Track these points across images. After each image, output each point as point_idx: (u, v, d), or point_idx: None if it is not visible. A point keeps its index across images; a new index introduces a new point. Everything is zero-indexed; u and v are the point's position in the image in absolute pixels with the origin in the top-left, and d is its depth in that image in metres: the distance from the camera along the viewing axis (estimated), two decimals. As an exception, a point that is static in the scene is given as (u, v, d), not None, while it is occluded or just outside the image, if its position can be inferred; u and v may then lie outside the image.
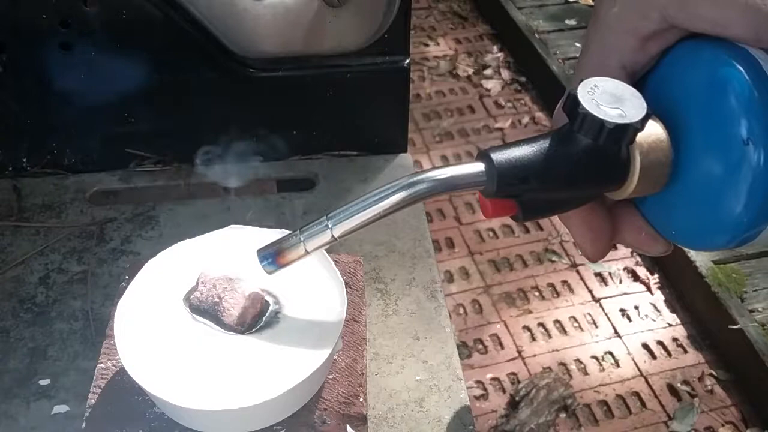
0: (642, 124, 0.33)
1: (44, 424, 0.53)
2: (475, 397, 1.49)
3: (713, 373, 1.54)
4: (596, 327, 1.63)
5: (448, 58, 2.42)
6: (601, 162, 0.35)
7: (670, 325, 1.64)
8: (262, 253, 0.42)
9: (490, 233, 1.82)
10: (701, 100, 0.34)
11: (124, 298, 0.51)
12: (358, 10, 0.69)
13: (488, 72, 2.36)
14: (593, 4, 0.39)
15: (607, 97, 0.33)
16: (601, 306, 1.67)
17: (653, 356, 1.57)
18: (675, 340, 1.61)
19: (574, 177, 0.35)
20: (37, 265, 0.65)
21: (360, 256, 0.61)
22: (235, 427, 0.48)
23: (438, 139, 2.11)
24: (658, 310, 1.66)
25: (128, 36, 0.68)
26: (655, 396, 1.50)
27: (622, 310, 1.66)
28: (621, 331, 1.62)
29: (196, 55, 0.70)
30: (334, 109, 0.76)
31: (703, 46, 0.35)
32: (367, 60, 0.72)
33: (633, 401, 1.49)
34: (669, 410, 1.48)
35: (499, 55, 2.44)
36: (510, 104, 2.25)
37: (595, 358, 1.57)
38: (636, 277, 1.73)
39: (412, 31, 0.73)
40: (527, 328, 1.62)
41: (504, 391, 1.51)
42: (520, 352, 1.57)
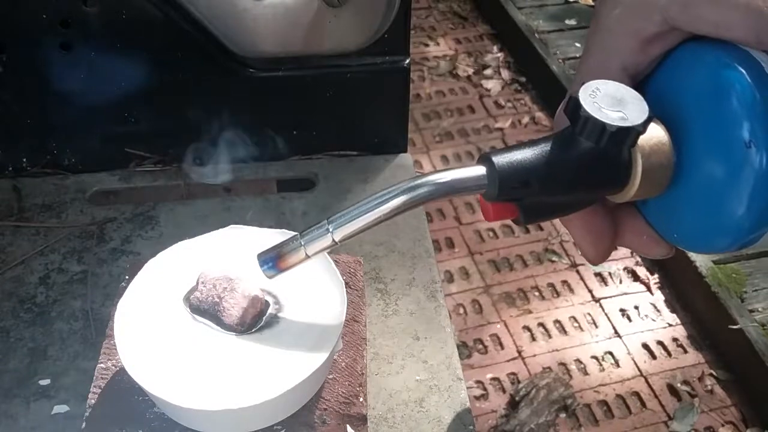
0: (644, 127, 0.33)
1: (44, 424, 0.53)
2: (475, 397, 1.49)
3: (713, 373, 1.54)
4: (596, 327, 1.63)
5: (448, 58, 2.42)
6: (602, 165, 0.34)
7: (670, 325, 1.64)
8: (263, 258, 0.42)
9: (490, 233, 1.82)
10: (703, 103, 0.34)
11: (124, 298, 0.51)
12: (358, 10, 0.69)
13: (488, 72, 2.36)
14: (593, 5, 0.39)
15: (608, 100, 0.33)
16: (601, 306, 1.67)
17: (653, 356, 1.57)
18: (675, 340, 1.61)
19: (576, 180, 0.35)
20: (37, 265, 0.65)
21: (360, 256, 0.61)
22: (235, 427, 0.48)
23: (438, 139, 2.11)
24: (658, 310, 1.66)
25: (128, 36, 0.68)
26: (655, 396, 1.50)
27: (622, 310, 1.66)
28: (621, 331, 1.62)
29: (196, 55, 0.70)
30: (334, 109, 0.76)
31: (705, 48, 0.35)
32: (367, 60, 0.72)
33: (633, 401, 1.49)
34: (669, 410, 1.48)
35: (499, 55, 2.44)
36: (510, 104, 2.25)
37: (595, 358, 1.57)
38: (636, 277, 1.73)
39: (412, 31, 0.73)
40: (527, 328, 1.62)
41: (504, 391, 1.51)
42: (520, 352, 1.57)
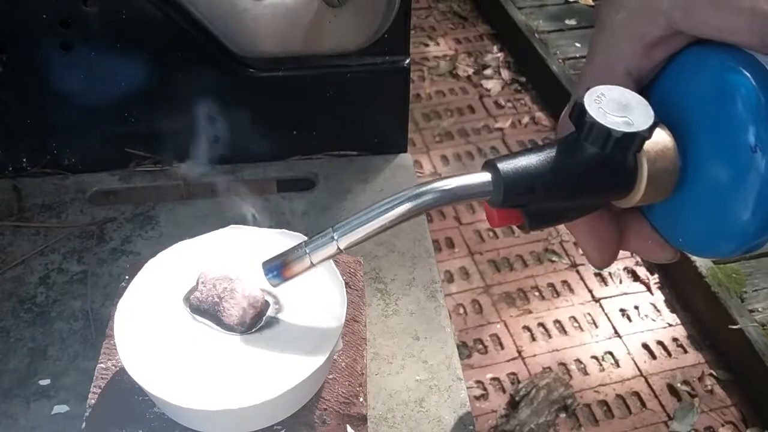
0: (649, 133, 0.33)
1: (44, 424, 0.53)
2: (475, 397, 1.49)
3: (713, 373, 1.54)
4: (596, 327, 1.63)
5: (448, 58, 2.42)
6: (608, 171, 0.34)
7: (670, 325, 1.64)
8: (268, 266, 0.42)
9: (490, 233, 1.82)
10: (708, 107, 0.34)
11: (124, 298, 0.51)
12: (358, 10, 0.69)
13: (488, 72, 2.36)
14: (593, 5, 0.38)
15: (613, 106, 0.33)
16: (601, 306, 1.67)
17: (653, 356, 1.57)
18: (675, 340, 1.61)
19: (581, 186, 0.35)
20: (37, 265, 0.65)
21: (360, 256, 0.61)
22: (235, 427, 0.48)
23: (438, 139, 2.11)
24: (658, 310, 1.66)
25: (128, 36, 0.68)
26: (655, 396, 1.50)
27: (622, 310, 1.66)
28: (621, 331, 1.62)
29: (196, 55, 0.70)
30: (334, 109, 0.76)
31: (709, 52, 0.34)
32: (367, 60, 0.72)
33: (633, 401, 1.49)
34: (669, 410, 1.48)
35: (499, 55, 2.44)
36: (510, 104, 2.25)
37: (595, 358, 1.57)
38: (636, 277, 1.73)
39: (412, 31, 0.73)
40: (527, 328, 1.62)
41: (504, 391, 1.51)
42: (520, 352, 1.57)
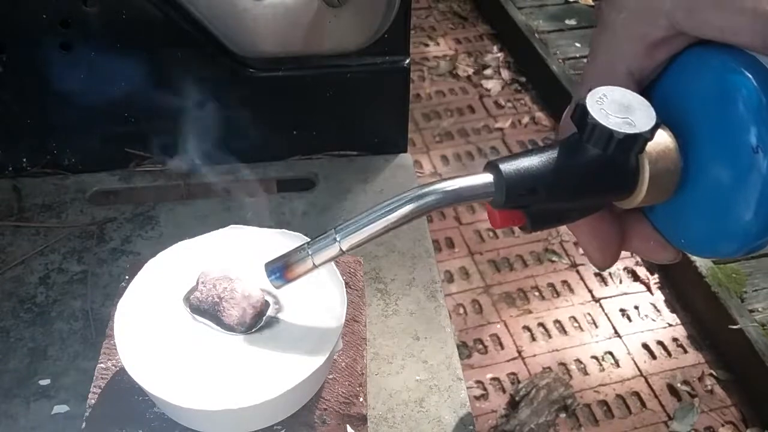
0: (651, 134, 0.33)
1: (44, 424, 0.53)
2: (475, 397, 1.49)
3: (713, 373, 1.54)
4: (596, 327, 1.63)
5: (448, 58, 2.42)
6: (610, 172, 0.34)
7: (670, 325, 1.64)
8: (270, 268, 0.42)
9: (490, 233, 1.82)
10: (709, 108, 0.34)
11: (124, 298, 0.51)
12: (358, 10, 0.69)
13: (488, 72, 2.36)
14: (594, 5, 0.38)
15: (615, 107, 0.33)
16: (601, 306, 1.67)
17: (653, 356, 1.57)
18: (675, 340, 1.61)
19: (583, 187, 0.35)
20: (37, 265, 0.65)
21: (360, 256, 0.61)
22: (235, 427, 0.48)
23: (438, 139, 2.11)
24: (658, 310, 1.66)
25: (128, 36, 0.68)
26: (655, 396, 1.50)
27: (622, 310, 1.66)
28: (621, 331, 1.62)
29: (196, 55, 0.70)
30: (334, 109, 0.76)
31: (711, 53, 0.34)
32: (367, 60, 0.72)
33: (633, 401, 1.49)
34: (669, 410, 1.48)
35: (499, 55, 2.44)
36: (510, 104, 2.25)
37: (595, 358, 1.57)
38: (636, 277, 1.73)
39: (412, 31, 0.73)
40: (527, 328, 1.62)
41: (504, 391, 1.51)
42: (520, 352, 1.57)
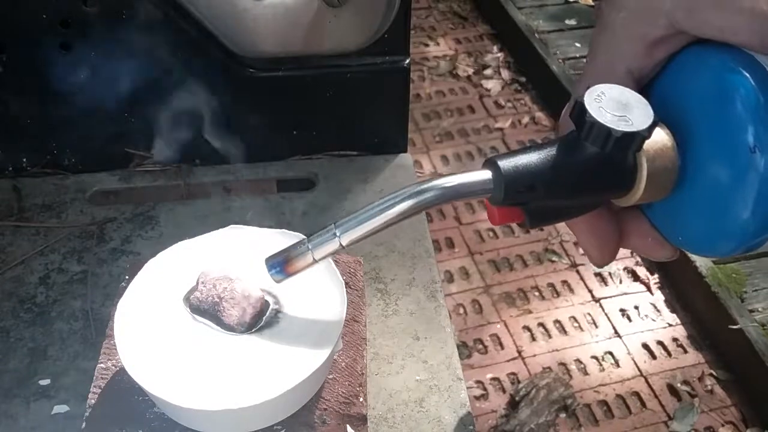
0: (649, 132, 0.33)
1: (44, 424, 0.53)
2: (475, 397, 1.49)
3: (713, 373, 1.54)
4: (596, 327, 1.63)
5: (448, 58, 2.42)
6: (608, 170, 0.35)
7: (670, 325, 1.63)
8: (270, 262, 0.42)
9: (490, 233, 1.82)
10: (708, 107, 0.34)
11: (124, 298, 0.51)
12: (358, 10, 0.69)
13: (488, 72, 2.36)
14: (593, 5, 0.38)
15: (613, 105, 0.33)
16: (601, 306, 1.67)
17: (653, 356, 1.57)
18: (675, 340, 1.61)
19: (581, 185, 0.35)
20: (37, 265, 0.65)
21: (360, 256, 0.61)
22: (235, 427, 0.48)
23: (438, 139, 2.11)
24: (658, 310, 1.66)
25: (128, 36, 0.68)
26: (655, 396, 1.50)
27: (622, 310, 1.66)
28: (621, 331, 1.62)
29: (196, 55, 0.70)
30: (334, 109, 0.76)
31: (710, 52, 0.34)
32: (367, 60, 0.72)
33: (633, 401, 1.49)
34: (669, 410, 1.48)
35: (499, 55, 2.44)
36: (510, 104, 2.25)
37: (595, 358, 1.57)
38: (636, 277, 1.73)
39: (412, 31, 0.73)
40: (527, 328, 1.62)
41: (504, 391, 1.51)
42: (520, 352, 1.57)
